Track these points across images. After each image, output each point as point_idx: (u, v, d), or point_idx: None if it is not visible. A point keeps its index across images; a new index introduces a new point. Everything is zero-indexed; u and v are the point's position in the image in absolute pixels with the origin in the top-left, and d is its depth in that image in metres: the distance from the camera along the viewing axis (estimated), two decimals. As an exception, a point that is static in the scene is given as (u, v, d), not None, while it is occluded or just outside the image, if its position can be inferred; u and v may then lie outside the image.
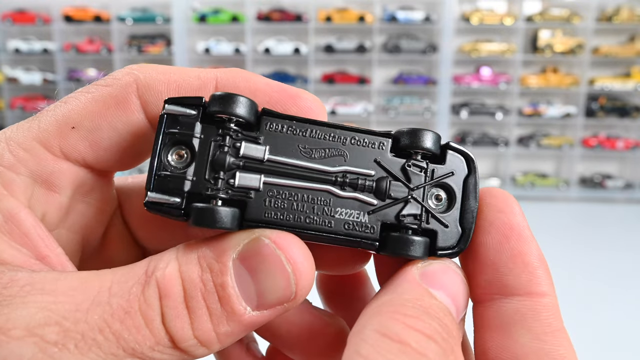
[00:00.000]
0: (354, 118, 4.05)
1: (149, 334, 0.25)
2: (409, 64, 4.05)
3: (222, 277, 0.26)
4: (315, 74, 4.06)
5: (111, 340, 0.24)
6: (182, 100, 0.28)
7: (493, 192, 0.30)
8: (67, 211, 0.31)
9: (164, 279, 0.26)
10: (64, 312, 0.24)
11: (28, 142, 0.28)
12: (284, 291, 0.27)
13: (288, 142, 0.28)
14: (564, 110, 3.91)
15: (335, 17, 3.88)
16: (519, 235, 0.28)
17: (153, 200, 0.27)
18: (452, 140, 2.70)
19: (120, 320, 0.24)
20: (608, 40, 3.92)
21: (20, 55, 4.10)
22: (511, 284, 0.28)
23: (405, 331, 0.23)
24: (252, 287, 0.26)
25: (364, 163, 0.29)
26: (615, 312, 2.03)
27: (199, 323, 0.26)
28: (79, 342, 0.24)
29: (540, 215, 3.56)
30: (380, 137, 0.29)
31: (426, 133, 0.29)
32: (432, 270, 0.27)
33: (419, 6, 3.95)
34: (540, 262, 0.28)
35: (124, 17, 4.01)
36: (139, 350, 0.25)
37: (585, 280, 2.32)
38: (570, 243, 2.92)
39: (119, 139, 0.30)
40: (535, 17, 3.84)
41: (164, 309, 0.25)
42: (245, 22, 3.95)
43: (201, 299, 0.26)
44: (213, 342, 0.26)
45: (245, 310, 0.26)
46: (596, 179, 3.93)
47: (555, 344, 0.26)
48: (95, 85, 0.30)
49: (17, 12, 4.07)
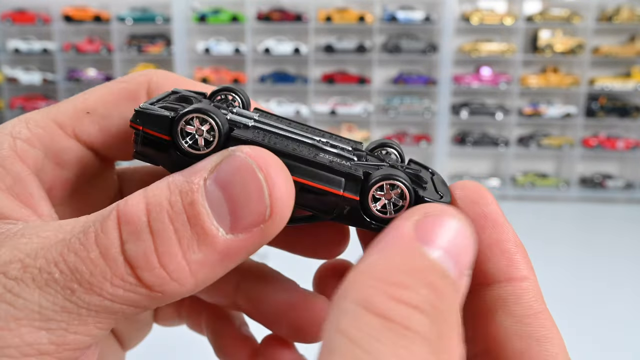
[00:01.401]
0: (354, 118, 4.05)
1: (104, 264, 0.23)
2: (409, 64, 4.05)
3: (191, 195, 0.24)
4: (315, 74, 4.06)
5: (66, 274, 0.23)
6: (190, 90, 0.33)
7: (464, 185, 0.30)
8: (72, 189, 0.34)
9: (126, 205, 0.24)
10: (29, 251, 0.24)
11: (45, 121, 0.32)
12: (257, 205, 0.24)
13: (275, 119, 0.32)
14: (564, 110, 3.91)
15: (335, 17, 3.88)
16: (493, 223, 0.28)
17: (145, 106, 0.27)
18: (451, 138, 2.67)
19: (75, 252, 0.23)
20: (608, 40, 3.92)
21: (20, 55, 4.10)
22: (491, 271, 0.28)
23: (388, 303, 0.20)
24: (224, 205, 0.24)
25: (342, 145, 0.32)
26: (615, 312, 2.03)
27: (165, 247, 0.24)
28: (36, 276, 0.23)
29: (540, 215, 3.56)
30: (353, 141, 0.33)
31: (393, 140, 0.34)
32: (428, 222, 0.23)
33: (419, 6, 3.95)
34: (517, 247, 0.28)
35: (124, 17, 4.01)
36: (97, 284, 0.23)
37: (585, 280, 2.32)
38: (571, 243, 2.92)
39: (126, 128, 0.33)
40: (536, 17, 3.84)
41: (123, 236, 0.24)
42: (245, 22, 3.94)
43: (167, 221, 0.24)
44: (184, 273, 0.24)
45: (217, 232, 0.24)
46: (596, 179, 3.93)
47: (538, 326, 0.27)
48: (113, 82, 0.35)
49: (17, 12, 4.07)
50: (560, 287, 2.14)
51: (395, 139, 4.02)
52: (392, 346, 0.19)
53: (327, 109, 4.01)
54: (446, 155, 4.03)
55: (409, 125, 4.15)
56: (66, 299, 0.23)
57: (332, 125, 4.03)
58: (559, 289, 2.10)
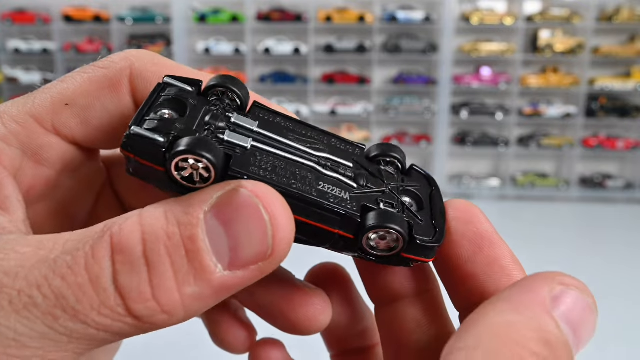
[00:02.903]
0: (354, 118, 4.05)
1: (93, 293, 0.22)
2: (409, 64, 4.05)
3: (191, 229, 0.23)
4: (315, 74, 4.06)
5: (50, 299, 0.22)
6: (181, 77, 0.29)
7: (456, 205, 0.30)
8: (54, 185, 0.32)
9: (120, 231, 0.23)
10: (7, 269, 0.22)
11: (21, 115, 0.29)
12: (260, 245, 0.23)
13: (276, 127, 0.30)
14: (564, 110, 3.91)
15: (335, 17, 3.88)
16: (490, 243, 0.29)
17: (136, 132, 0.25)
18: (451, 138, 2.64)
19: (61, 277, 0.22)
20: (608, 40, 3.92)
21: (20, 55, 4.10)
22: (492, 289, 0.28)
23: None
24: (224, 241, 0.23)
25: (343, 158, 0.31)
26: (616, 312, 2.03)
27: (160, 280, 0.22)
28: (14, 298, 0.21)
29: (540, 215, 3.56)
30: (355, 145, 0.32)
31: (396, 147, 0.32)
32: (564, 296, 0.24)
33: (419, 6, 3.95)
34: (515, 264, 0.29)
35: (124, 17, 4.01)
36: (83, 312, 0.22)
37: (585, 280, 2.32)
38: (571, 243, 2.92)
39: (109, 119, 0.31)
40: (535, 17, 3.84)
41: (116, 265, 0.22)
42: (245, 22, 3.94)
43: (164, 252, 0.23)
44: (176, 307, 0.23)
45: (215, 268, 0.23)
46: (596, 179, 3.93)
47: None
48: (92, 67, 0.31)
49: (17, 12, 4.07)
50: (560, 287, 2.13)
51: (395, 139, 4.02)
52: None
53: (327, 109, 4.01)
54: (446, 155, 4.03)
55: (409, 125, 4.15)
56: (46, 325, 0.22)
57: (332, 126, 4.03)
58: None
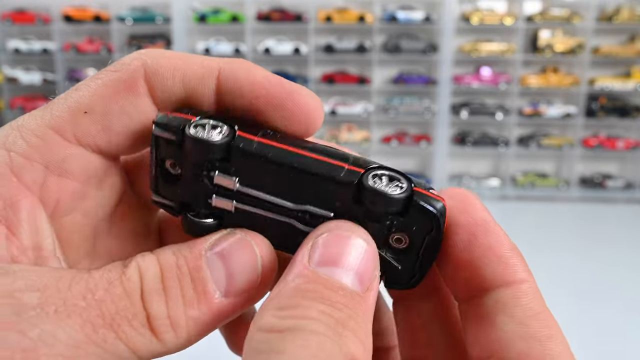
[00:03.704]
0: (354, 118, 4.05)
1: (129, 303, 0.25)
2: (409, 64, 4.05)
3: (195, 261, 0.28)
4: (315, 74, 4.06)
5: (93, 307, 0.24)
6: (167, 124, 0.30)
7: (452, 193, 0.30)
8: (80, 197, 0.31)
9: (144, 262, 0.27)
10: (47, 282, 0.24)
11: (41, 129, 0.29)
12: (251, 274, 0.28)
13: (257, 173, 0.29)
14: (564, 110, 3.91)
15: (335, 17, 3.88)
16: (485, 230, 0.28)
17: (156, 200, 0.33)
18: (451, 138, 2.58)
19: (104, 289, 0.25)
20: (608, 40, 3.92)
21: (20, 55, 4.10)
22: (489, 277, 0.28)
23: (277, 320, 0.24)
24: (222, 272, 0.28)
25: (325, 203, 0.29)
26: (616, 312, 2.03)
27: (173, 303, 0.27)
28: (59, 307, 0.23)
29: (540, 215, 3.57)
30: (343, 187, 0.28)
31: (389, 200, 0.27)
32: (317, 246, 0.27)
33: (419, 6, 3.95)
34: (512, 251, 0.28)
35: (124, 17, 4.01)
36: (117, 319, 0.24)
37: (585, 280, 2.32)
38: (571, 243, 2.92)
39: (129, 122, 0.31)
40: (535, 17, 3.84)
41: (143, 285, 0.26)
42: (245, 22, 3.95)
43: (176, 280, 0.27)
44: (181, 326, 0.27)
45: (214, 294, 0.28)
46: (596, 179, 3.93)
47: (540, 326, 0.26)
48: (104, 71, 0.31)
49: (17, 12, 4.07)
50: (560, 287, 2.14)
51: (395, 139, 4.03)
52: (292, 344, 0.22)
53: (327, 108, 4.01)
54: (446, 155, 4.03)
55: (409, 125, 4.15)
56: (85, 333, 0.23)
57: (332, 126, 4.04)
58: (559, 289, 2.10)
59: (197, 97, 0.31)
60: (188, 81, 0.31)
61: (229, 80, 0.31)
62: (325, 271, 0.26)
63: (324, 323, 0.23)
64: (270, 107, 0.31)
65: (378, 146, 4.08)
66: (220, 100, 0.32)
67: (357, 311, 0.25)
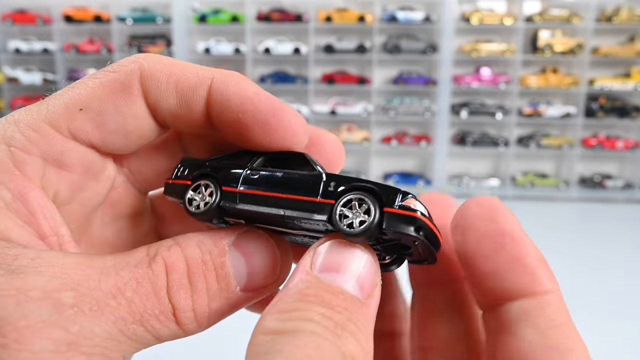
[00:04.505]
0: (354, 118, 4.05)
1: (157, 301, 0.27)
2: (409, 64, 4.05)
3: (220, 258, 0.30)
4: (315, 74, 4.06)
5: (123, 306, 0.26)
6: (172, 194, 0.36)
7: (480, 202, 0.30)
8: (78, 188, 0.33)
9: (170, 257, 0.29)
10: (78, 280, 0.26)
11: (38, 123, 0.30)
12: (270, 274, 0.31)
13: (250, 216, 0.33)
14: (563, 110, 3.91)
15: (335, 17, 3.89)
16: (512, 240, 0.28)
17: (170, 182, 0.36)
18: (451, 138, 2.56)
19: (132, 289, 0.27)
20: (608, 40, 3.92)
21: (21, 55, 4.10)
22: (514, 287, 0.28)
23: (277, 323, 0.25)
24: (244, 269, 0.30)
25: (314, 230, 0.32)
26: (616, 312, 2.03)
27: (198, 297, 0.29)
28: (93, 306, 0.26)
29: (540, 215, 3.57)
30: (321, 222, 0.30)
31: (356, 233, 0.29)
32: (319, 254, 0.28)
33: (419, 6, 3.95)
34: (539, 262, 0.28)
35: (124, 17, 4.01)
36: (145, 316, 0.27)
37: (585, 281, 2.32)
38: (571, 243, 2.92)
39: (123, 122, 0.32)
40: (535, 17, 3.84)
41: (169, 282, 0.28)
42: (245, 22, 3.95)
43: (202, 275, 0.29)
44: (204, 317, 0.29)
45: (235, 289, 0.30)
46: (596, 179, 3.94)
47: (562, 338, 0.27)
48: (102, 72, 0.32)
49: (17, 12, 4.07)
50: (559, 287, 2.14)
51: (395, 139, 4.03)
52: (290, 345, 0.23)
53: (327, 109, 4.02)
54: (446, 155, 4.03)
55: (409, 125, 4.15)
56: (117, 327, 0.26)
57: (332, 126, 4.04)
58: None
59: (189, 104, 0.33)
60: (181, 88, 0.32)
61: (220, 93, 0.32)
62: (327, 277, 0.27)
63: (323, 325, 0.24)
64: (256, 123, 0.32)
65: (378, 146, 4.09)
66: (210, 111, 0.33)
67: (357, 315, 0.26)
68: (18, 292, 0.24)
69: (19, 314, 0.24)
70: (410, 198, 0.28)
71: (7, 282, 0.24)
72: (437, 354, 0.32)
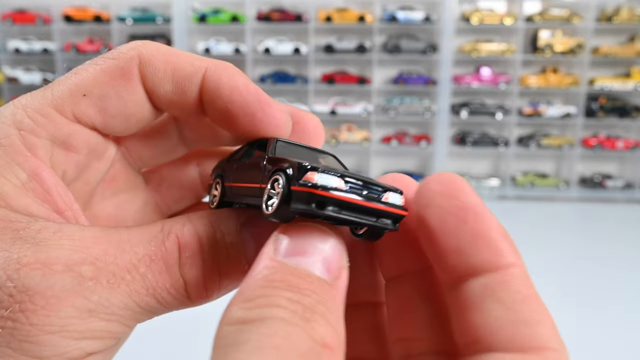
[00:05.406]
0: (354, 118, 4.05)
1: (168, 276, 0.30)
2: (409, 64, 4.05)
3: (233, 238, 0.32)
4: (315, 74, 4.06)
5: (137, 280, 0.29)
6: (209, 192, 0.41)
7: (440, 179, 0.29)
8: (83, 167, 0.36)
9: (184, 235, 0.31)
10: (96, 255, 0.29)
11: (44, 108, 0.32)
12: None
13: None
14: (564, 110, 3.91)
15: (335, 17, 3.88)
16: (474, 215, 0.28)
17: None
18: (451, 138, 2.59)
19: (146, 265, 0.30)
20: (608, 40, 3.92)
21: (21, 55, 4.11)
22: (478, 263, 0.27)
23: (243, 312, 0.24)
24: (252, 248, 0.32)
25: None
26: (616, 312, 2.03)
27: (210, 273, 0.31)
28: (110, 278, 0.28)
29: (540, 215, 3.57)
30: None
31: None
32: (282, 239, 0.28)
33: (419, 6, 3.95)
34: (501, 236, 0.27)
35: (124, 17, 4.01)
36: (158, 290, 0.30)
37: (585, 280, 2.32)
38: (570, 243, 2.92)
39: (124, 107, 0.34)
40: (535, 17, 3.84)
41: (182, 259, 0.30)
42: (245, 22, 3.95)
43: (215, 254, 0.31)
44: (214, 291, 0.32)
45: (244, 267, 0.32)
46: (596, 179, 3.94)
47: (528, 310, 0.26)
48: (102, 58, 0.34)
49: (17, 12, 4.07)
50: (559, 287, 2.14)
51: (395, 139, 4.03)
52: (257, 334, 0.22)
53: (327, 109, 4.02)
54: (446, 155, 4.03)
55: (409, 125, 4.15)
56: (132, 299, 0.29)
57: (332, 126, 4.04)
58: (559, 289, 2.10)
59: (184, 91, 0.35)
60: (177, 76, 0.34)
61: (212, 82, 0.34)
62: (292, 261, 0.27)
63: (291, 310, 0.24)
64: (243, 113, 0.34)
65: (378, 146, 4.09)
66: (203, 98, 0.35)
67: (326, 297, 0.25)
68: (43, 265, 0.27)
69: (45, 284, 0.27)
70: (311, 172, 0.27)
71: (33, 256, 0.27)
72: (419, 344, 0.31)
